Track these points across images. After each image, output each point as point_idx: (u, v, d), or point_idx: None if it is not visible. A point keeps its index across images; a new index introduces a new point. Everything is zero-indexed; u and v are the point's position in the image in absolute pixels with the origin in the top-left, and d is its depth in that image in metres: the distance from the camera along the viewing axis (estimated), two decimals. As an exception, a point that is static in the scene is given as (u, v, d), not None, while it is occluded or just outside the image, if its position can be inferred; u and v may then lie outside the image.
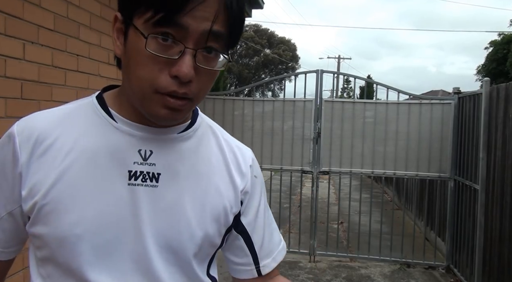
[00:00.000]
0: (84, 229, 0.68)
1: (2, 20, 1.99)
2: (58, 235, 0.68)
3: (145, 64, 0.65)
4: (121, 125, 0.73)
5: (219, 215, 0.77)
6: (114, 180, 0.70)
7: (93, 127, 0.72)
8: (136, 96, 0.68)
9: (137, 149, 0.72)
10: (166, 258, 0.72)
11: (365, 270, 4.58)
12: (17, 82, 2.11)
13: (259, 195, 0.85)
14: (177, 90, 0.65)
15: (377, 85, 4.92)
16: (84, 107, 0.75)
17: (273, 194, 5.04)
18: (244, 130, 4.94)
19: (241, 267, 0.86)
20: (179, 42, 0.64)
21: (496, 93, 3.74)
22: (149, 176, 0.72)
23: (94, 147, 0.71)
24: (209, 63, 0.67)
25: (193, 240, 0.74)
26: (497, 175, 3.64)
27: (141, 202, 0.71)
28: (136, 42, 0.65)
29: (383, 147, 4.71)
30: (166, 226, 0.72)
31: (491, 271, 3.69)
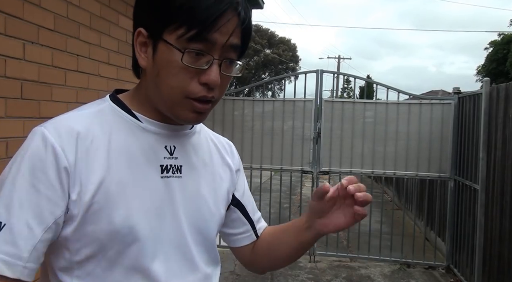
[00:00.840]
0: (134, 221, 0.75)
1: (2, 20, 1.99)
2: (111, 229, 0.73)
3: (177, 74, 0.74)
4: (147, 125, 0.81)
5: (225, 196, 0.91)
6: (150, 174, 0.79)
7: (122, 129, 0.79)
8: (166, 102, 0.77)
9: (164, 145, 0.82)
10: (196, 239, 0.83)
11: (365, 270, 4.58)
12: (17, 82, 2.11)
13: (243, 173, 1.02)
14: (206, 95, 0.75)
15: (377, 85, 4.92)
16: (105, 112, 0.80)
17: (273, 194, 5.04)
18: (244, 130, 4.94)
19: (242, 235, 0.99)
20: (207, 54, 0.73)
21: (496, 93, 3.74)
22: (175, 168, 0.82)
23: (128, 146, 0.78)
24: (229, 71, 0.78)
25: (214, 220, 0.87)
26: (497, 175, 3.64)
27: (174, 191, 0.81)
28: (169, 55, 0.73)
29: (383, 147, 4.71)
30: (194, 210, 0.83)
31: (491, 271, 3.69)
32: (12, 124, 2.09)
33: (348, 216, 0.82)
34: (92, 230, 0.72)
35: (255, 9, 5.66)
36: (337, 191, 0.81)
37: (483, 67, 22.01)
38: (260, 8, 5.69)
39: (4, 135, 2.04)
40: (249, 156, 4.91)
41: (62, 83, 2.47)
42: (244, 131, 4.94)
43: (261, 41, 30.44)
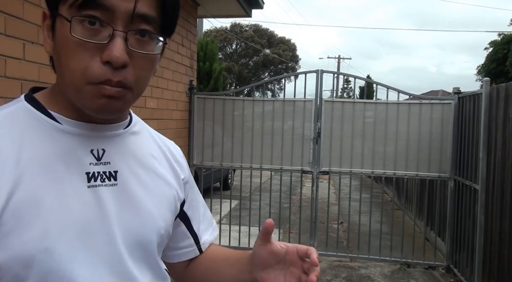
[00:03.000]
0: (52, 241, 0.61)
1: (2, 20, 1.99)
2: (25, 255, 0.59)
3: (74, 53, 0.61)
4: (67, 127, 0.68)
5: (171, 205, 0.80)
6: (73, 184, 0.66)
7: (35, 133, 0.65)
8: (71, 91, 0.64)
9: (89, 149, 0.69)
10: (134, 255, 0.71)
11: (365, 270, 4.58)
12: (17, 82, 2.11)
13: (193, 183, 0.90)
14: (111, 78, 0.61)
15: (377, 85, 4.92)
16: (15, 114, 0.67)
17: (273, 194, 5.04)
18: (244, 130, 4.94)
19: (184, 250, 0.89)
20: (107, 24, 0.60)
21: (496, 93, 3.74)
22: (106, 175, 0.69)
23: (43, 153, 0.65)
24: (144, 48, 0.64)
25: (158, 233, 0.75)
26: (497, 175, 3.64)
27: (105, 202, 0.68)
28: (63, 31, 0.62)
29: (383, 147, 4.71)
30: (133, 222, 0.71)
31: (491, 271, 3.69)
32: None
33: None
34: (3, 258, 0.59)
35: (255, 9, 5.66)
36: (284, 251, 0.74)
37: (483, 67, 22.01)
38: (260, 8, 5.69)
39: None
40: (249, 156, 4.91)
41: (62, 83, 2.47)
42: (244, 131, 4.94)
43: (261, 41, 30.43)
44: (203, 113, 5.00)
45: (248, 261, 0.81)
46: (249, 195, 5.19)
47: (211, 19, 9.98)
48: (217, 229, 0.99)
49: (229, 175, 8.51)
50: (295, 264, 0.73)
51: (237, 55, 30.96)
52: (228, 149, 4.96)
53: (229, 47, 30.89)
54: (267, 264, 0.76)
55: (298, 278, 0.73)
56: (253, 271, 0.78)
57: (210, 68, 7.99)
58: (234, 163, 4.99)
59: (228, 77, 26.81)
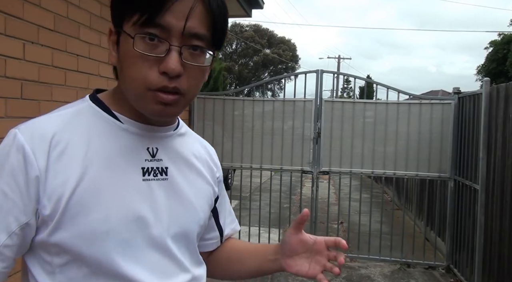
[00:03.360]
0: (111, 225, 0.72)
1: (2, 20, 1.99)
2: (88, 235, 0.70)
3: (135, 64, 0.70)
4: (128, 126, 0.78)
5: (209, 199, 0.90)
6: (130, 177, 0.76)
7: (100, 130, 0.76)
8: (132, 96, 0.74)
9: (146, 147, 0.79)
10: (179, 242, 0.81)
11: (365, 270, 4.58)
12: (17, 82, 2.11)
13: (223, 182, 1.01)
14: (167, 85, 0.70)
15: (377, 85, 4.92)
16: (85, 111, 0.78)
17: (273, 194, 5.04)
18: (244, 130, 4.94)
19: (209, 241, 0.99)
20: (164, 40, 0.69)
21: (496, 93, 3.74)
22: (158, 170, 0.79)
23: (107, 148, 0.75)
24: (195, 60, 0.72)
25: (198, 223, 0.86)
26: (497, 175, 3.64)
27: (157, 195, 0.78)
28: (127, 45, 0.71)
29: (383, 147, 4.71)
30: (179, 213, 0.81)
31: (491, 271, 3.69)
32: (12, 124, 2.07)
33: (312, 269, 0.86)
34: (69, 236, 0.70)
35: (255, 9, 5.65)
36: (313, 241, 0.86)
37: (483, 67, 22.01)
38: (260, 8, 5.68)
39: (5, 135, 2.04)
40: (249, 156, 4.91)
41: (62, 83, 2.47)
42: (244, 131, 4.94)
43: (261, 41, 30.43)
44: (203, 113, 5.00)
45: (274, 251, 0.91)
46: (249, 195, 5.19)
47: (211, 19, 9.91)
48: (239, 225, 1.09)
49: (229, 175, 8.52)
50: (321, 253, 0.86)
51: (237, 55, 30.95)
52: (228, 148, 4.96)
53: (229, 47, 30.88)
54: (295, 251, 0.87)
55: (323, 266, 0.86)
56: (279, 259, 0.89)
57: (210, 68, 8.01)
58: (234, 162, 4.99)
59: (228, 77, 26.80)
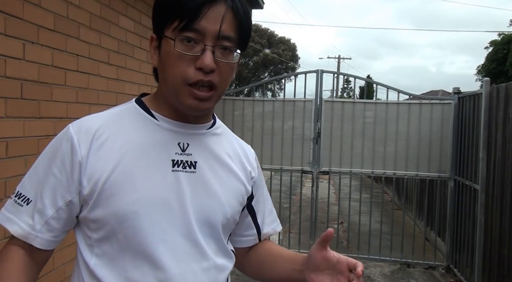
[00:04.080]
0: (140, 207, 0.82)
1: (2, 20, 1.99)
2: (119, 213, 0.82)
3: (176, 63, 0.82)
4: (162, 123, 0.89)
5: (239, 196, 0.96)
6: (161, 167, 0.86)
7: (138, 126, 0.88)
8: (171, 91, 0.85)
9: (177, 142, 0.89)
10: (203, 230, 0.89)
11: (365, 270, 4.56)
12: (17, 82, 2.10)
13: (262, 183, 1.08)
14: (202, 79, 0.82)
15: (377, 85, 4.92)
16: (128, 111, 0.91)
17: (273, 194, 5.00)
18: (244, 130, 4.94)
19: (247, 238, 1.06)
20: (200, 41, 0.81)
21: (496, 93, 3.74)
22: (187, 164, 0.89)
23: (142, 141, 0.86)
24: (226, 58, 0.84)
25: (223, 215, 0.91)
26: (497, 175, 3.64)
27: (183, 185, 0.87)
28: (168, 48, 0.83)
29: (383, 147, 4.71)
30: (204, 204, 0.89)
31: (491, 271, 3.69)
32: (12, 124, 2.09)
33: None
34: (104, 213, 0.82)
35: (255, 9, 5.66)
36: (336, 260, 0.89)
37: (483, 67, 21.99)
38: (260, 8, 5.69)
39: (4, 135, 2.04)
40: (249, 156, 4.90)
41: (62, 83, 2.47)
42: (244, 131, 4.94)
43: (261, 41, 30.43)
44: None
45: (301, 262, 0.96)
46: (249, 195, 5.18)
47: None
48: (281, 226, 1.15)
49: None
50: (343, 273, 0.88)
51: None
52: (228, 149, 4.95)
53: (229, 47, 30.83)
54: (319, 267, 0.90)
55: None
56: (304, 271, 0.93)
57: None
58: (234, 163, 4.98)
59: (228, 77, 26.70)
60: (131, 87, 3.21)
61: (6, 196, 2.06)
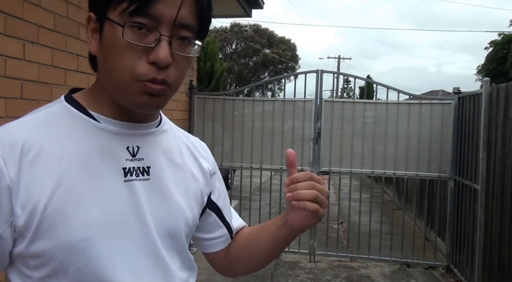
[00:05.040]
0: (93, 231, 0.68)
1: (2, 20, 1.99)
2: (68, 244, 0.66)
3: (123, 54, 0.68)
4: (106, 125, 0.74)
5: (198, 197, 0.86)
6: (111, 179, 0.72)
7: (76, 131, 0.72)
8: (117, 88, 0.70)
9: (125, 146, 0.75)
10: (166, 244, 0.78)
11: (365, 270, 4.58)
12: (17, 82, 2.11)
13: (219, 175, 0.96)
14: (156, 76, 0.68)
15: (377, 85, 4.92)
16: (59, 113, 0.74)
17: (273, 194, 5.04)
18: (244, 130, 4.94)
19: (218, 240, 0.94)
20: (154, 29, 0.67)
21: (496, 93, 3.74)
22: (140, 170, 0.76)
23: (84, 150, 0.71)
24: (184, 50, 0.71)
25: (186, 223, 0.81)
26: (497, 175, 3.64)
27: (139, 196, 0.74)
28: (113, 34, 0.68)
29: (383, 147, 4.71)
30: (164, 214, 0.77)
31: (491, 271, 3.69)
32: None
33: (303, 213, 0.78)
34: (48, 246, 0.66)
35: (255, 9, 5.66)
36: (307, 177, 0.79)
37: (483, 67, 22.00)
38: (260, 8, 5.69)
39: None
40: (249, 156, 4.91)
41: (62, 83, 2.47)
42: (244, 131, 4.94)
43: (261, 40, 30.43)
44: (203, 113, 5.00)
45: (281, 216, 0.86)
46: (249, 195, 5.19)
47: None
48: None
49: (229, 175, 8.51)
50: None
51: (237, 55, 30.95)
52: (228, 148, 4.96)
53: (229, 47, 30.88)
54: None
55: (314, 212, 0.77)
56: (287, 220, 0.82)
57: (211, 68, 7.99)
58: (234, 163, 4.99)
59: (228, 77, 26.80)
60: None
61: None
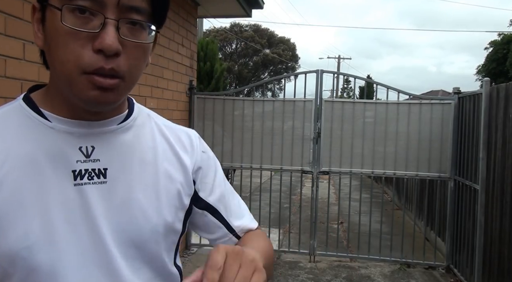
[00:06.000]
0: (34, 240, 0.63)
1: (2, 20, 1.99)
2: (9, 252, 0.62)
3: (65, 43, 0.61)
4: (56, 124, 0.68)
5: (174, 200, 0.76)
6: (58, 183, 0.66)
7: (25, 131, 0.67)
8: (64, 82, 0.64)
9: (78, 146, 0.68)
10: (128, 254, 0.70)
11: (365, 270, 4.58)
12: (17, 82, 2.10)
13: (213, 168, 0.85)
14: (104, 66, 0.61)
15: (377, 85, 4.92)
16: (12, 112, 0.69)
17: (273, 194, 5.04)
18: (244, 130, 4.94)
19: (220, 240, 0.85)
20: (98, 13, 0.60)
21: (496, 93, 3.74)
22: (95, 172, 0.68)
23: (30, 151, 0.65)
24: (136, 37, 0.64)
25: (153, 230, 0.72)
26: (497, 175, 3.64)
27: (92, 201, 0.67)
28: (53, 21, 0.61)
29: (383, 147, 4.71)
30: (124, 221, 0.69)
31: (491, 271, 3.69)
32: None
33: None
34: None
35: (255, 9, 5.65)
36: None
37: (483, 67, 21.99)
38: (260, 8, 5.68)
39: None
40: (249, 156, 4.91)
41: (62, 83, 2.47)
42: (244, 131, 4.94)
43: (261, 40, 30.42)
44: (203, 113, 5.00)
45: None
46: (249, 195, 5.19)
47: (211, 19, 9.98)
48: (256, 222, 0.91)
49: (229, 175, 8.52)
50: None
51: (237, 55, 30.94)
52: (228, 148, 4.96)
53: (229, 47, 30.88)
54: None
55: None
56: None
57: (211, 68, 7.99)
58: (234, 163, 4.99)
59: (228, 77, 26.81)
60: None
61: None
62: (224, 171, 7.08)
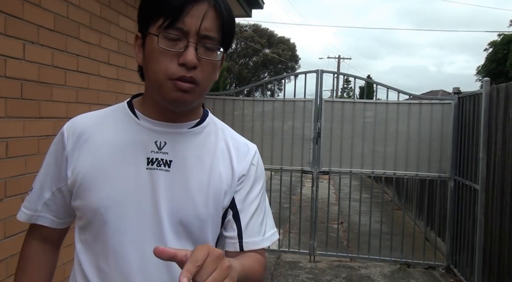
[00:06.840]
0: (111, 201, 0.87)
1: (2, 20, 1.99)
2: (92, 207, 0.87)
3: (159, 59, 0.83)
4: (143, 122, 0.92)
5: (220, 197, 0.92)
6: (135, 164, 0.88)
7: (121, 124, 0.92)
8: (154, 87, 0.86)
9: (154, 140, 0.90)
10: (177, 229, 0.88)
11: (365, 270, 4.58)
12: (17, 82, 2.10)
13: (252, 180, 0.98)
14: (185, 75, 0.82)
15: (377, 85, 4.92)
16: (116, 110, 0.96)
17: (273, 194, 5.04)
18: (244, 130, 4.94)
19: (228, 240, 0.95)
20: (183, 38, 0.83)
21: (496, 93, 3.74)
22: (163, 162, 0.89)
23: (120, 139, 0.90)
24: (208, 56, 0.85)
25: (196, 216, 0.89)
26: (497, 175, 3.64)
27: (157, 183, 0.88)
28: (152, 44, 0.85)
29: (383, 147, 4.71)
30: (176, 205, 0.88)
31: (491, 271, 3.69)
32: (12, 124, 2.09)
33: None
34: (82, 205, 0.89)
35: (255, 9, 5.65)
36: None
37: (483, 67, 22.00)
38: (260, 8, 5.68)
39: (4, 135, 2.04)
40: (249, 156, 4.90)
41: (62, 83, 2.47)
42: (244, 131, 4.93)
43: (261, 40, 30.41)
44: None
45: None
46: (249, 195, 5.18)
47: (211, 19, 9.88)
48: (271, 241, 0.98)
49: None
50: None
51: (237, 55, 30.93)
52: (228, 149, 4.95)
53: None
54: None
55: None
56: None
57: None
58: (234, 163, 4.97)
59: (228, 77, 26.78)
60: (131, 87, 3.21)
61: (6, 195, 2.06)
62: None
